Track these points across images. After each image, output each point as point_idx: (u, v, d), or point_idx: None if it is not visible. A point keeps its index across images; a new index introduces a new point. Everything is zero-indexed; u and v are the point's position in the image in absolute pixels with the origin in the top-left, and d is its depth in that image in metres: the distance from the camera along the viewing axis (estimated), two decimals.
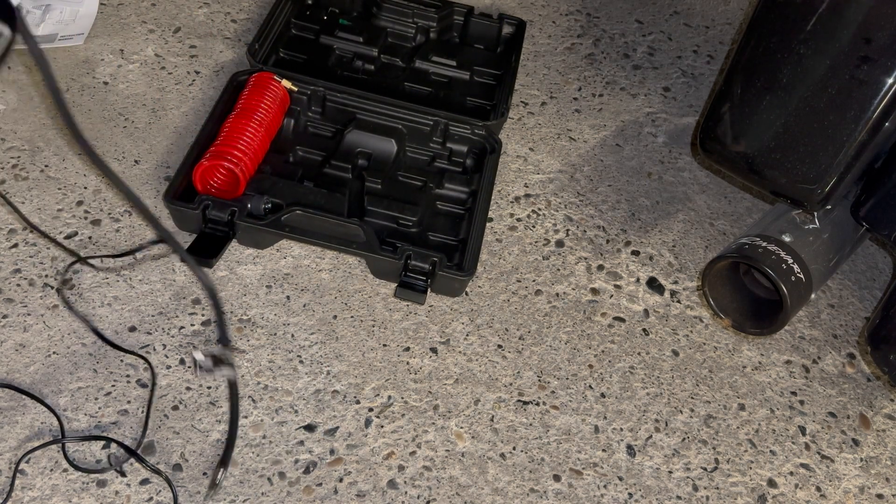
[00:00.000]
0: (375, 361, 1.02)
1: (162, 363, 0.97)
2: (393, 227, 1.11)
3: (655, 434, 1.01)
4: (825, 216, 1.01)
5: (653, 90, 1.44)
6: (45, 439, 0.89)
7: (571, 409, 1.02)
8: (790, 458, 1.02)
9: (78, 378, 0.94)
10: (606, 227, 1.22)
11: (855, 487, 1.01)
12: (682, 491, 0.97)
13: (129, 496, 0.87)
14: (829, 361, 1.12)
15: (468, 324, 1.07)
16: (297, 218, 1.04)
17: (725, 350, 1.11)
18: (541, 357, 1.06)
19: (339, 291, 1.08)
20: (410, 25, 1.37)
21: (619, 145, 1.34)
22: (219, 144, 1.08)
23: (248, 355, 1.00)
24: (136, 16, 1.36)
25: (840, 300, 1.20)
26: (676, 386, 1.06)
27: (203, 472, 0.89)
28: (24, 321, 0.98)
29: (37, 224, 1.07)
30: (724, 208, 1.28)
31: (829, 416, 1.07)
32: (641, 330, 1.11)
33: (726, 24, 1.59)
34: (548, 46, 1.48)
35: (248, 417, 0.95)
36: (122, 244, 1.07)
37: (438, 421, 0.98)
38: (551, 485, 0.95)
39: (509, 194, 1.23)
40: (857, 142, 0.90)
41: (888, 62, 0.86)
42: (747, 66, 0.96)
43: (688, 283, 1.17)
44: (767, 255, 0.96)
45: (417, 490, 0.92)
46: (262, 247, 1.09)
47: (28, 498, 0.85)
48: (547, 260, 1.16)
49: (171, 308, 1.02)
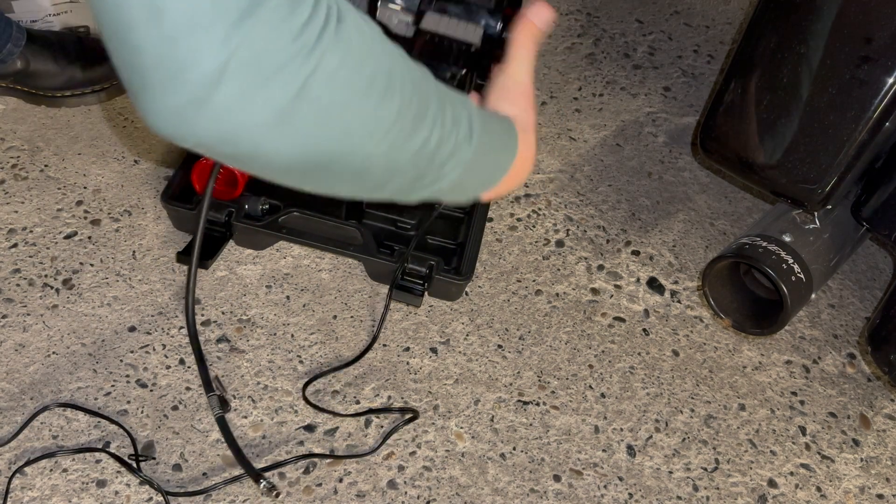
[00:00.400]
0: (375, 361, 1.01)
1: (162, 363, 0.97)
2: (391, 230, 1.11)
3: (656, 434, 1.01)
4: (825, 216, 1.01)
5: (653, 90, 1.43)
6: (44, 440, 0.89)
7: (571, 410, 1.01)
8: (790, 459, 1.02)
9: (78, 378, 0.94)
10: (607, 226, 1.22)
11: (855, 487, 1.01)
12: (682, 491, 0.97)
13: (129, 496, 0.87)
14: (829, 361, 1.12)
15: (468, 324, 1.07)
16: (295, 219, 1.04)
17: (726, 350, 1.11)
18: (541, 357, 1.06)
19: (339, 291, 1.07)
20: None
21: (619, 145, 1.34)
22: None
23: (248, 355, 1.00)
24: None
25: (840, 300, 1.20)
26: (677, 386, 1.06)
27: (203, 472, 0.89)
28: (24, 321, 0.98)
29: (36, 224, 1.07)
30: (724, 208, 1.28)
31: (830, 416, 1.07)
32: (641, 330, 1.11)
33: (726, 24, 1.59)
34: (548, 46, 1.48)
35: (247, 417, 0.95)
36: (122, 244, 1.07)
37: (438, 421, 0.98)
38: (551, 485, 0.95)
39: (509, 194, 1.23)
40: (858, 142, 0.90)
41: (888, 62, 0.86)
42: (747, 65, 0.96)
43: (688, 283, 1.17)
44: (768, 255, 0.96)
45: (417, 490, 0.92)
46: (259, 248, 1.09)
47: (28, 498, 0.85)
48: (547, 260, 1.16)
49: (171, 308, 1.02)
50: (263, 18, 0.41)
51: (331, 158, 0.48)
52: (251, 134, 0.43)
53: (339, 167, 0.49)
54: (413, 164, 0.52)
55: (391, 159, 0.51)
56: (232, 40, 0.40)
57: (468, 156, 0.56)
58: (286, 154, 0.46)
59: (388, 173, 0.52)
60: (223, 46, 0.40)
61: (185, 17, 0.40)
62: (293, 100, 0.43)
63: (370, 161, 0.50)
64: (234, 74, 0.41)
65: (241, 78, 0.41)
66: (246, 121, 0.43)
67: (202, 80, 0.41)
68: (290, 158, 0.46)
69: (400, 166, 0.52)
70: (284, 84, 0.42)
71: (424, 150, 0.52)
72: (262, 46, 0.41)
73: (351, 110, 0.46)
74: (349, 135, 0.47)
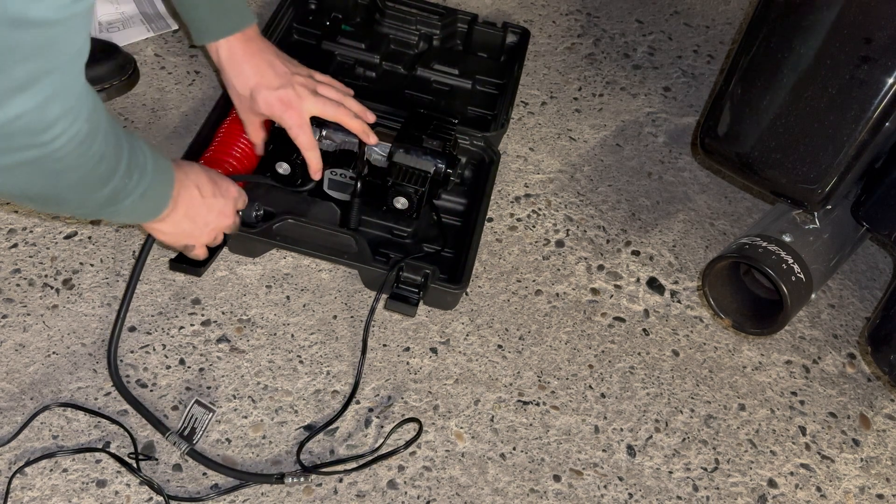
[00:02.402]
0: (375, 361, 1.02)
1: (162, 363, 0.97)
2: (387, 238, 1.10)
3: (655, 434, 1.01)
4: (825, 216, 1.01)
5: (653, 90, 1.44)
6: (45, 440, 0.89)
7: (571, 410, 1.02)
8: (790, 459, 1.02)
9: (78, 378, 0.94)
10: (606, 227, 1.22)
11: (855, 488, 1.01)
12: (682, 491, 0.97)
13: (129, 496, 0.87)
14: (829, 361, 1.12)
15: (468, 324, 1.07)
16: (289, 227, 1.02)
17: (726, 350, 1.11)
18: (541, 357, 1.06)
19: (339, 291, 1.07)
20: (413, 32, 1.35)
21: (619, 145, 1.34)
22: (213, 150, 1.07)
23: (248, 355, 1.00)
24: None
25: (840, 300, 1.20)
26: (676, 386, 1.06)
27: (203, 472, 0.89)
28: (24, 321, 0.98)
29: (36, 224, 1.07)
30: (724, 208, 1.28)
31: (830, 416, 1.07)
32: (641, 330, 1.11)
33: (726, 24, 1.59)
34: (548, 46, 1.48)
35: (248, 417, 0.95)
36: (122, 244, 1.07)
37: (438, 421, 0.98)
38: (551, 485, 0.95)
39: (509, 194, 1.23)
40: (858, 142, 0.90)
41: (888, 62, 0.86)
42: (747, 66, 0.96)
43: (688, 283, 1.17)
44: (768, 255, 0.96)
45: (417, 490, 0.92)
46: (253, 255, 1.07)
47: (28, 498, 0.85)
48: (547, 260, 1.16)
49: (171, 308, 1.02)
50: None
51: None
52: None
53: (40, 200, 0.68)
54: (100, 202, 0.71)
55: (83, 198, 0.69)
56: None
57: (142, 189, 0.74)
58: (2, 189, 0.62)
59: (77, 205, 0.71)
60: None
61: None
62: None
63: (66, 197, 0.68)
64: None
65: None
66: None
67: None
68: (3, 192, 0.63)
69: (87, 202, 0.70)
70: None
71: (110, 191, 0.70)
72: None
73: (72, 174, 0.64)
74: (61, 188, 0.66)
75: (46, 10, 0.51)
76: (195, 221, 0.88)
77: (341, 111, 1.01)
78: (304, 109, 0.99)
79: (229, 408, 0.95)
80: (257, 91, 0.98)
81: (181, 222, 0.86)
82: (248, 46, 0.98)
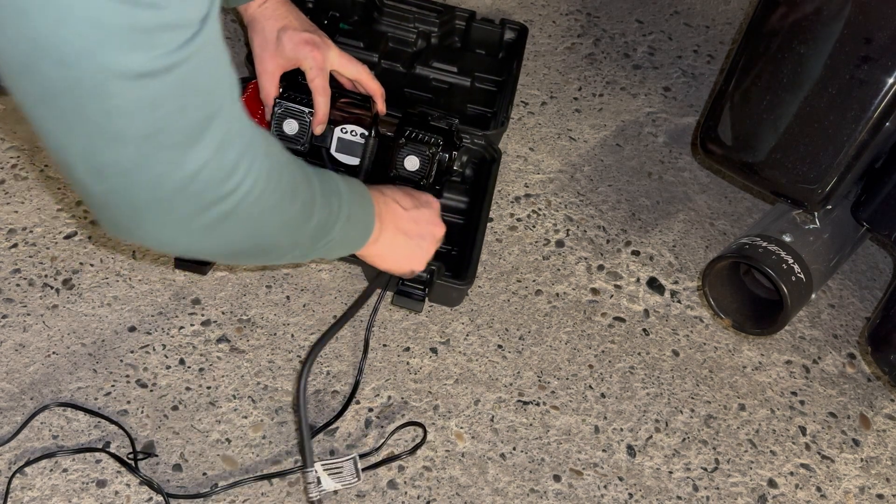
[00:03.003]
0: (375, 361, 1.01)
1: (162, 363, 0.97)
2: None
3: (656, 434, 1.01)
4: (825, 216, 1.01)
5: (653, 90, 1.44)
6: (44, 440, 0.89)
7: (571, 410, 1.02)
8: (790, 459, 1.02)
9: (78, 378, 0.94)
10: (606, 227, 1.22)
11: (855, 488, 1.01)
12: (682, 491, 0.97)
13: (129, 496, 0.87)
14: (829, 361, 1.12)
15: (468, 324, 1.07)
16: None
17: (726, 350, 1.11)
18: (541, 357, 1.06)
19: (339, 291, 1.07)
20: (411, 30, 1.35)
21: (619, 145, 1.34)
22: None
23: (248, 355, 1.00)
24: None
25: (840, 300, 1.20)
26: (676, 386, 1.06)
27: (203, 472, 0.89)
28: (24, 321, 0.98)
29: (36, 224, 1.07)
30: (724, 208, 1.28)
31: (830, 416, 1.07)
32: (641, 330, 1.11)
33: (726, 24, 1.59)
34: (548, 46, 1.48)
35: (248, 417, 0.95)
36: (122, 244, 1.07)
37: (438, 421, 0.98)
38: (551, 485, 0.95)
39: (509, 194, 1.23)
40: (858, 142, 0.90)
41: (888, 62, 0.86)
42: (747, 66, 0.96)
43: (688, 283, 1.17)
44: (768, 255, 0.96)
45: (417, 490, 0.92)
46: None
47: (28, 498, 0.85)
48: (547, 260, 1.16)
49: (171, 308, 1.02)
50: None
51: (250, 249, 0.64)
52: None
53: (255, 252, 0.65)
54: (311, 236, 0.69)
55: (294, 238, 0.67)
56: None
57: (346, 212, 0.71)
58: (214, 251, 0.62)
59: (291, 247, 0.68)
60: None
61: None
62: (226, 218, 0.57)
63: (277, 242, 0.66)
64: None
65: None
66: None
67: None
68: (216, 253, 0.63)
69: (299, 240, 0.68)
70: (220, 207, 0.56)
71: (316, 223, 0.68)
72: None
73: (273, 215, 0.61)
74: (267, 233, 0.63)
75: (148, 60, 0.47)
76: (409, 236, 0.85)
77: (363, 69, 1.02)
78: (328, 55, 0.99)
79: (229, 408, 0.95)
80: (285, 31, 0.97)
81: (395, 240, 0.84)
82: (282, 2, 0.99)
